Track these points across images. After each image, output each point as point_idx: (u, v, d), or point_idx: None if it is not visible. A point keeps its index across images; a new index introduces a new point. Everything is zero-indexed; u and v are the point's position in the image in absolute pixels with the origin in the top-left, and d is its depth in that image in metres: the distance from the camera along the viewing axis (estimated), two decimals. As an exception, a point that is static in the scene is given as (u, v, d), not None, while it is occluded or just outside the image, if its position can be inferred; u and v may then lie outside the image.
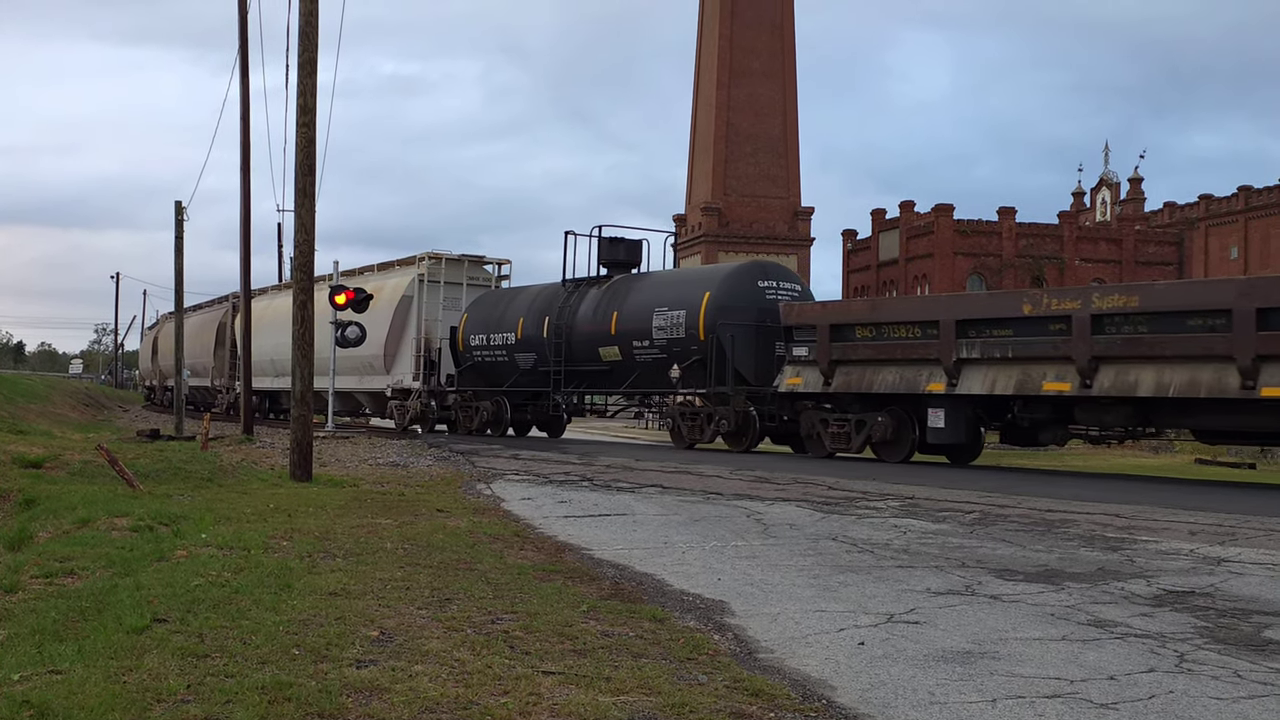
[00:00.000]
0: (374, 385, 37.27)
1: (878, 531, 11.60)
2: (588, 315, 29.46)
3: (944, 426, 21.06)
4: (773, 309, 25.43)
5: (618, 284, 29.56)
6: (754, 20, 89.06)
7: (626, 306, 28.35)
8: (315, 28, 18.02)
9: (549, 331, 30.21)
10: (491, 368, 32.75)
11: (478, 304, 34.21)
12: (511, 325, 31.80)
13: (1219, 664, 6.18)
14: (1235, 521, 12.35)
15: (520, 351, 31.24)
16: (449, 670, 5.88)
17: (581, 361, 29.53)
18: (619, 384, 29.01)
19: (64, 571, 9.03)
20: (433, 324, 34.95)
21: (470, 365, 33.45)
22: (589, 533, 11.59)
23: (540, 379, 31.01)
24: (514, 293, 33.99)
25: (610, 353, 28.58)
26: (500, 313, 32.66)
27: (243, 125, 31.88)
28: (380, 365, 36.07)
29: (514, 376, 31.70)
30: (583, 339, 29.36)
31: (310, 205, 18.16)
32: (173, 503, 13.64)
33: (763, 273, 27.04)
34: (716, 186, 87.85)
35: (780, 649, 6.55)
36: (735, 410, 25.28)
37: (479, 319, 33.28)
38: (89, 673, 5.69)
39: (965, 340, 20.42)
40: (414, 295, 35.06)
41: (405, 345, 35.31)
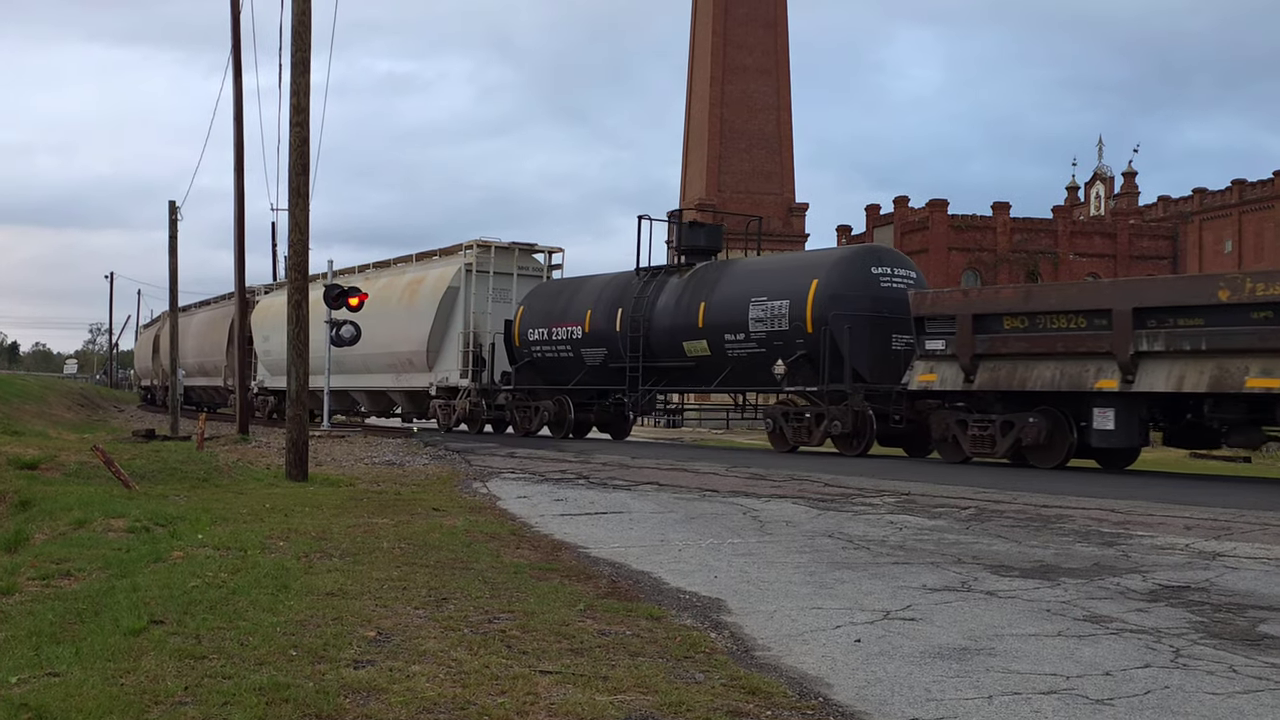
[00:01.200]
0: (414, 383, 35.37)
1: (874, 528, 11.61)
2: (669, 307, 27.21)
3: (1114, 429, 18.74)
4: (889, 297, 23.45)
5: (702, 272, 27.33)
6: (747, 16, 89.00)
7: (716, 296, 26.08)
8: (308, 27, 18.00)
9: (622, 325, 28.06)
10: (553, 364, 30.67)
11: (535, 296, 32.13)
12: (577, 318, 29.69)
13: (1214, 659, 6.20)
14: (1230, 516, 12.37)
15: (588, 347, 29.27)
16: (446, 670, 5.88)
17: (661, 357, 27.36)
18: (707, 381, 26.82)
19: (60, 573, 9.03)
20: (481, 317, 32.93)
21: (528, 361, 31.34)
22: (585, 531, 11.60)
23: (610, 376, 28.97)
24: (577, 283, 31.75)
25: (696, 347, 26.34)
26: (563, 305, 30.49)
27: (236, 125, 31.86)
28: (422, 362, 34.29)
29: (580, 374, 29.71)
30: (663, 332, 27.20)
31: (304, 204, 18.16)
32: (169, 503, 13.63)
33: (876, 258, 24.66)
34: (711, 183, 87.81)
35: (777, 646, 6.56)
36: (852, 410, 22.89)
37: (538, 312, 31.18)
38: (86, 675, 5.69)
39: (1145, 331, 18.03)
40: (460, 287, 33.06)
41: (451, 340, 33.41)
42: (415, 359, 34.35)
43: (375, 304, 35.62)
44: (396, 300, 35.43)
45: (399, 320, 34.72)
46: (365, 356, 36.19)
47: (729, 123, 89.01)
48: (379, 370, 36.44)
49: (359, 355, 35.77)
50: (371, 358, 36.23)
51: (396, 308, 35.13)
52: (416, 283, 34.99)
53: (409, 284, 35.50)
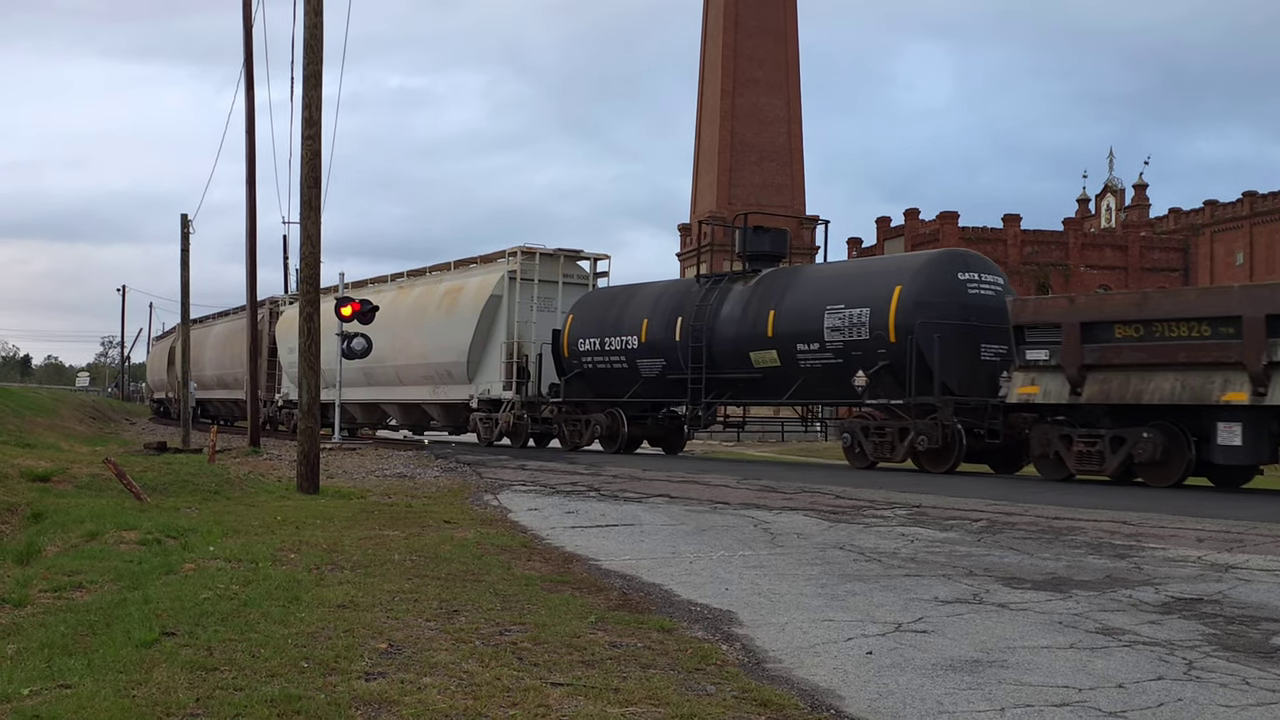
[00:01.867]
0: (452, 396, 33.90)
1: (885, 540, 11.59)
2: (734, 315, 25.80)
3: (1241, 445, 17.53)
4: (976, 304, 22.19)
5: (769, 279, 25.93)
6: (758, 29, 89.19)
7: (787, 304, 24.68)
8: (320, 41, 18.07)
9: (682, 334, 26.70)
10: (605, 376, 29.29)
11: (584, 304, 30.75)
12: (632, 328, 28.31)
13: (1227, 671, 6.18)
14: (1243, 528, 12.33)
15: (644, 357, 27.94)
16: (458, 682, 5.88)
17: (725, 368, 25.91)
18: (776, 393, 25.33)
19: (72, 585, 9.04)
20: (525, 327, 31.61)
21: (578, 373, 29.86)
22: (596, 543, 11.59)
23: (668, 388, 27.69)
24: (629, 291, 30.37)
25: (765, 358, 24.87)
26: (616, 314, 29.10)
27: (248, 138, 31.96)
28: (462, 373, 32.95)
29: (635, 386, 28.35)
30: (728, 342, 25.79)
31: (316, 217, 18.20)
32: (180, 516, 13.66)
33: (963, 263, 23.21)
34: (721, 196, 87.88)
35: (788, 659, 6.55)
36: (941, 424, 21.48)
37: (588, 321, 29.81)
38: (98, 687, 5.70)
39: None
40: (503, 295, 31.75)
41: (492, 351, 32.18)
42: (454, 370, 33.20)
43: (410, 313, 34.87)
44: (434, 309, 34.38)
45: (437, 330, 33.72)
46: (399, 368, 35.35)
47: (739, 136, 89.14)
48: (414, 382, 35.25)
49: (391, 367, 35.05)
50: (406, 369, 35.24)
51: (434, 317, 34.11)
52: (456, 291, 33.70)
53: (447, 292, 34.25)
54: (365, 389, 37.57)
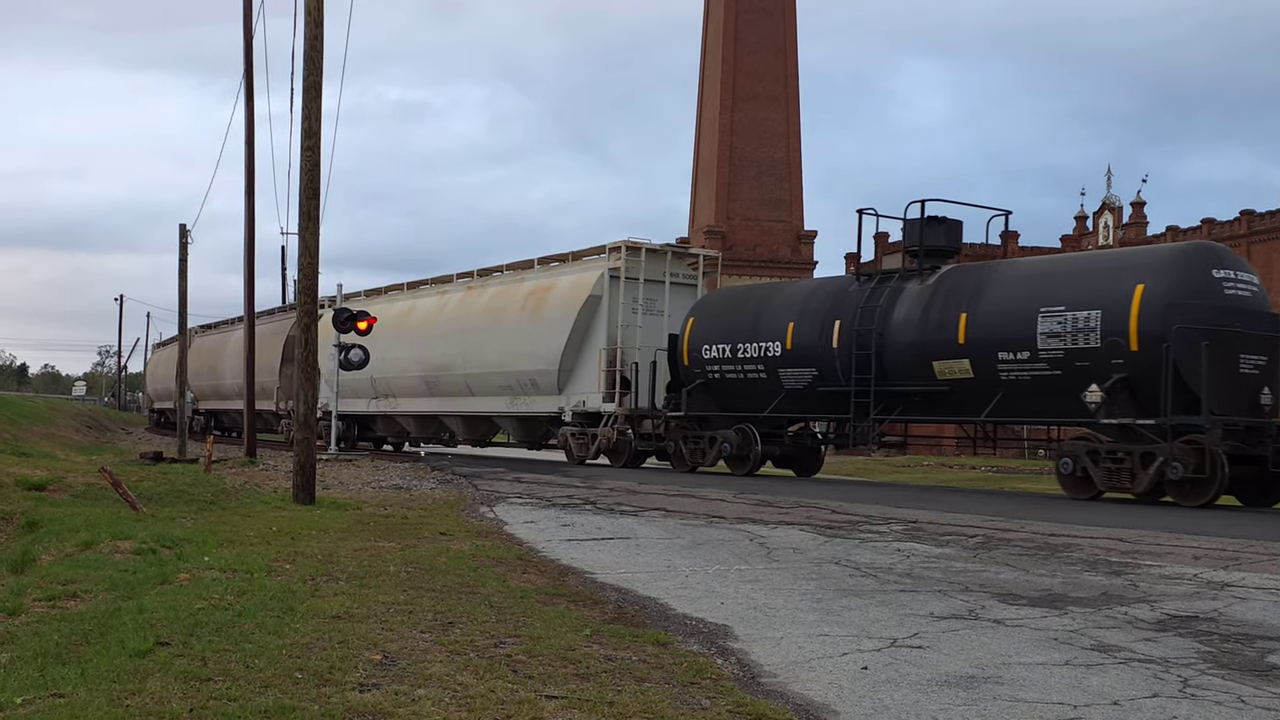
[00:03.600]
0: (536, 408, 30.89)
1: (881, 555, 11.58)
2: (911, 319, 22.56)
3: None
4: (1236, 308, 19.03)
5: (953, 277, 22.71)
6: (757, 45, 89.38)
7: (984, 306, 21.41)
8: (320, 53, 18.10)
9: (842, 340, 23.46)
10: (736, 387, 26.00)
11: (708, 306, 27.55)
12: (773, 333, 24.97)
13: (1223, 689, 6.17)
14: (1239, 546, 12.32)
15: (789, 367, 24.63)
16: (452, 694, 5.87)
17: (899, 379, 22.69)
18: (964, 409, 22.13)
19: (67, 594, 9.04)
20: (629, 331, 28.40)
21: (701, 384, 26.58)
22: (592, 556, 11.58)
23: (818, 402, 24.50)
24: (765, 291, 27.72)
25: (954, 368, 21.73)
26: (751, 317, 25.80)
27: (247, 149, 32.00)
28: (551, 383, 29.86)
29: (776, 399, 25.00)
30: (903, 350, 22.55)
31: (314, 228, 18.21)
32: (175, 525, 13.64)
33: (1217, 259, 19.79)
34: (720, 210, 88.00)
35: (784, 673, 6.54)
36: (1205, 450, 18.10)
37: (714, 325, 26.51)
38: (92, 696, 5.69)
39: None
40: (603, 295, 28.56)
41: (588, 357, 28.99)
42: (541, 380, 30.12)
43: (483, 316, 32.31)
44: (515, 312, 31.28)
45: (519, 335, 30.65)
46: (469, 377, 32.79)
47: (738, 150, 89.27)
48: (487, 393, 32.35)
49: (460, 376, 32.91)
50: (478, 378, 32.49)
51: (515, 321, 31.02)
52: (542, 291, 30.62)
53: (531, 293, 31.17)
54: (425, 400, 35.36)
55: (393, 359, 34.92)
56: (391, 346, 34.84)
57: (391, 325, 35.20)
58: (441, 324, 33.84)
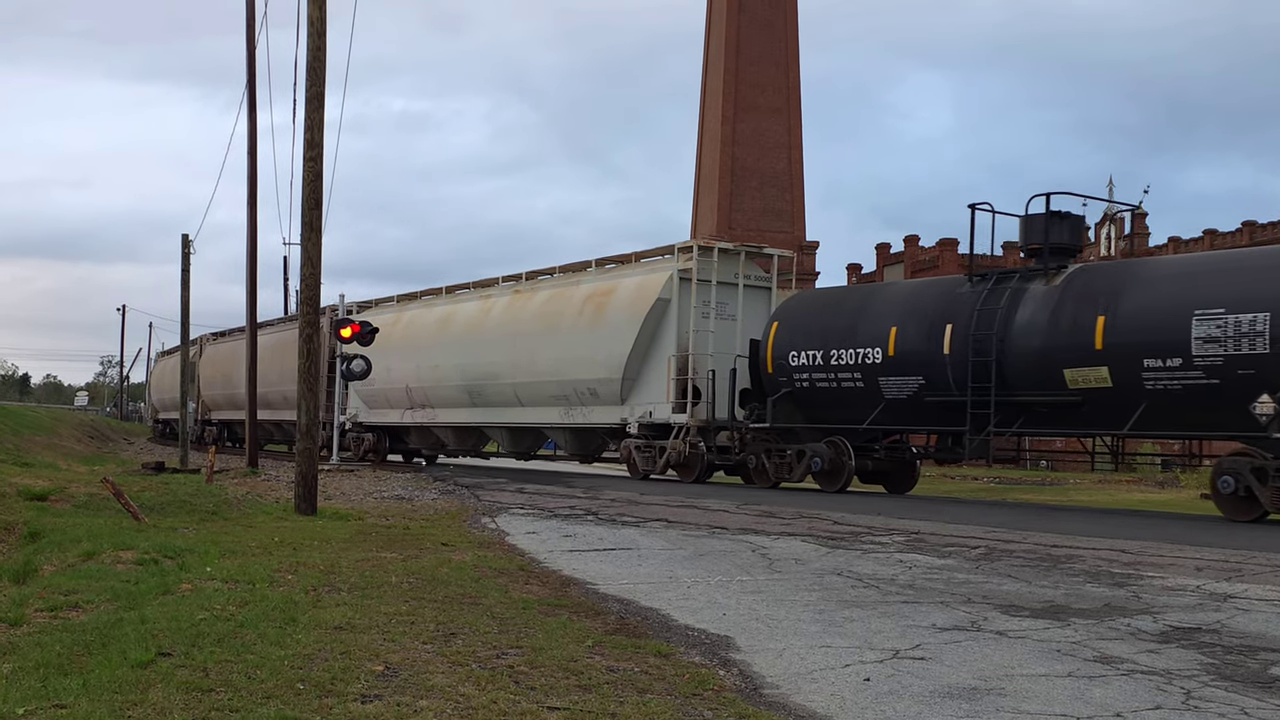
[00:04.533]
0: (595, 419, 28.89)
1: (883, 566, 11.58)
2: (1037, 322, 20.65)
3: None
4: None
5: (1086, 276, 20.86)
6: (759, 56, 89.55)
7: (1125, 308, 19.50)
8: (323, 63, 18.15)
9: (954, 346, 21.59)
10: (828, 397, 23.96)
11: (794, 309, 25.52)
12: (873, 338, 23.04)
13: (1225, 701, 6.17)
14: (1241, 557, 12.31)
15: (891, 375, 22.68)
16: (454, 705, 5.87)
17: (1022, 388, 20.81)
18: (1101, 421, 20.14)
19: (69, 605, 9.04)
20: (700, 337, 26.57)
21: (787, 393, 24.54)
22: (594, 567, 11.57)
23: (925, 413, 22.45)
24: (861, 293, 26.25)
25: (1088, 376, 19.82)
26: (846, 320, 23.95)
27: (250, 159, 32.08)
28: (613, 392, 27.92)
29: (875, 410, 22.98)
30: (1028, 356, 20.64)
31: (316, 238, 18.24)
32: (177, 536, 13.64)
33: None
34: (721, 221, 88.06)
35: (785, 685, 6.54)
36: None
37: (803, 330, 24.54)
38: (93, 707, 5.69)
39: None
40: (672, 299, 26.72)
41: (655, 365, 27.12)
42: (603, 389, 28.23)
43: (535, 322, 30.56)
44: (572, 317, 29.39)
45: (576, 341, 28.87)
46: (518, 386, 30.96)
47: (740, 161, 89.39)
48: (538, 403, 30.43)
49: (509, 385, 31.10)
50: (528, 387, 30.64)
51: (572, 326, 29.20)
52: (603, 294, 28.68)
53: (590, 296, 29.19)
54: (467, 410, 33.40)
55: (430, 367, 33.63)
56: (429, 354, 33.56)
57: (429, 332, 34.04)
58: (487, 330, 32.04)
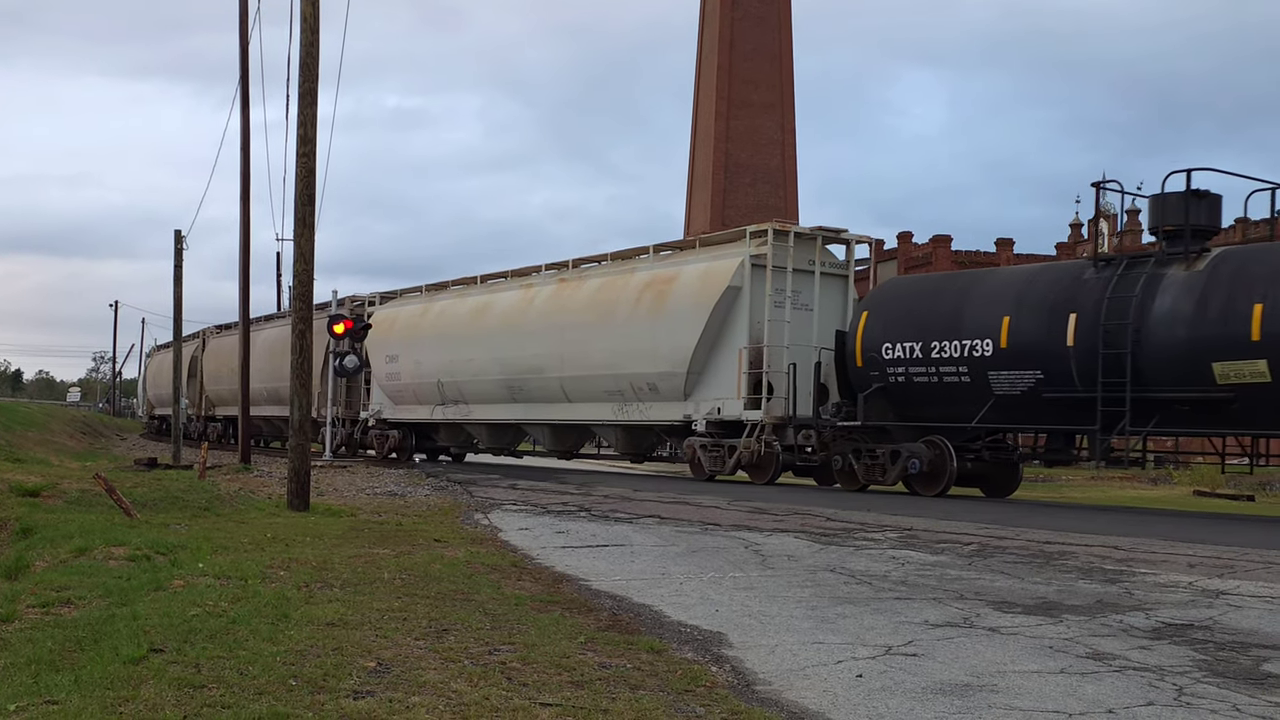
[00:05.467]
0: (654, 416, 26.82)
1: (876, 563, 11.58)
2: (1180, 311, 18.82)
3: None
4: None
5: (1235, 260, 19.01)
6: (753, 52, 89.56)
7: None
8: (316, 59, 18.11)
9: (1079, 337, 19.67)
10: (927, 393, 21.90)
11: (886, 297, 23.64)
12: (982, 328, 21.00)
13: (1218, 697, 6.17)
14: (1234, 554, 12.33)
15: (1002, 369, 20.66)
16: (446, 702, 5.86)
17: (1158, 384, 18.96)
18: (1264, 421, 18.32)
19: (61, 601, 9.02)
20: (776, 327, 24.50)
21: (879, 389, 22.47)
22: (587, 563, 11.57)
23: (1044, 411, 20.36)
24: (964, 279, 24.19)
25: (1243, 370, 18.10)
26: (949, 310, 21.90)
27: (243, 155, 32.01)
28: (675, 387, 25.88)
29: (983, 407, 20.98)
30: (1169, 349, 18.80)
31: (310, 235, 18.21)
32: (170, 532, 13.62)
33: None
34: (715, 217, 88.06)
35: (778, 681, 6.54)
36: None
37: (898, 320, 22.51)
38: (85, 703, 5.67)
39: None
40: (743, 286, 24.66)
41: (723, 358, 25.14)
42: (664, 383, 26.14)
43: (584, 311, 28.57)
44: (628, 306, 27.27)
45: (633, 333, 26.79)
46: (565, 380, 28.96)
47: (734, 157, 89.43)
48: (587, 399, 28.52)
49: (554, 379, 29.25)
50: (577, 382, 28.66)
51: (628, 316, 27.09)
52: (664, 282, 26.61)
53: (649, 285, 27.03)
54: (506, 407, 31.46)
55: (465, 361, 31.87)
56: (463, 348, 31.85)
57: (463, 324, 32.39)
58: (530, 322, 30.02)
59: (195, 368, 53.04)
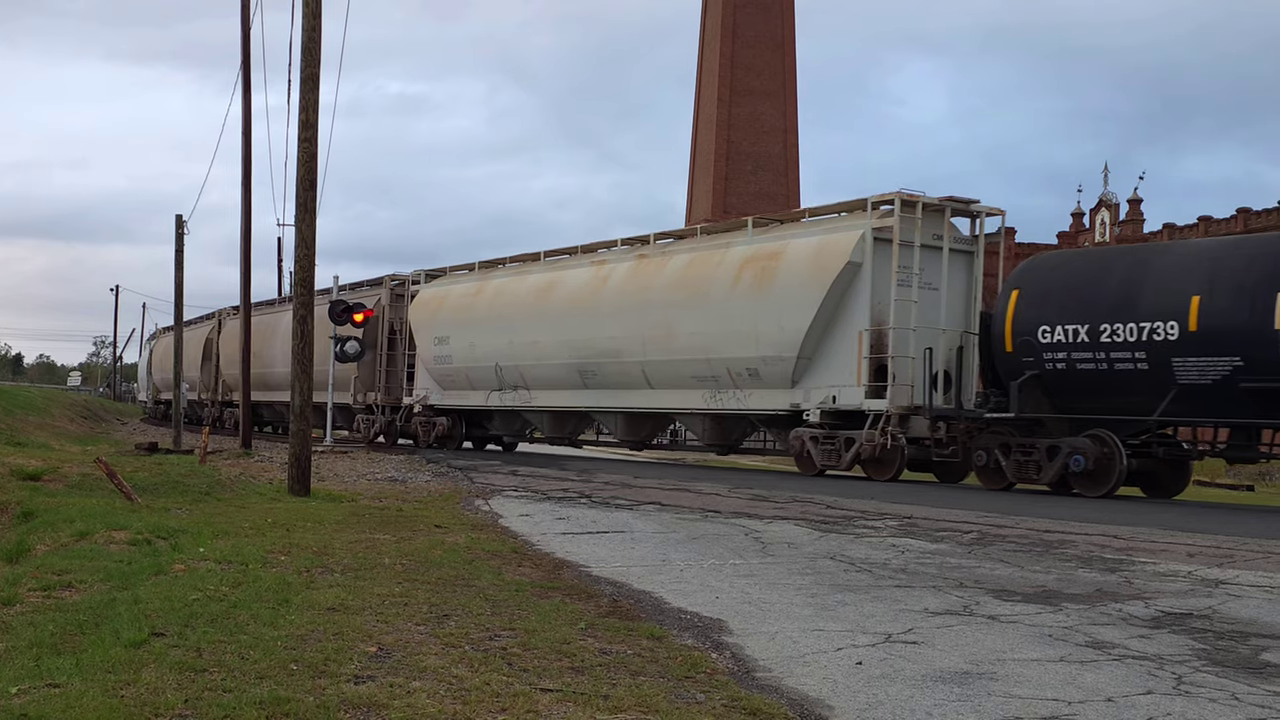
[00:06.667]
0: (754, 404, 24.64)
1: (876, 551, 11.60)
2: None
3: None
4: None
5: None
6: (755, 39, 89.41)
7: None
8: (318, 44, 18.07)
9: None
10: (1094, 381, 19.55)
11: (1042, 275, 21.18)
12: (1164, 309, 18.62)
13: (1216, 686, 6.18)
14: (1233, 544, 12.35)
15: (1192, 355, 18.33)
16: (447, 687, 5.88)
17: None
18: None
19: (62, 585, 9.03)
20: (903, 308, 22.31)
21: (1033, 377, 20.14)
22: (587, 550, 11.58)
23: (1235, 401, 18.04)
24: (1137, 254, 21.77)
25: None
26: (1121, 288, 19.48)
27: (244, 140, 31.96)
28: (783, 373, 23.71)
29: (1163, 399, 18.59)
30: None
31: (311, 219, 18.19)
32: (171, 516, 13.64)
33: None
34: (716, 204, 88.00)
35: (778, 668, 6.55)
36: None
37: (1056, 300, 20.18)
38: (87, 686, 5.69)
39: None
40: (864, 262, 22.54)
41: (838, 341, 22.97)
42: (768, 368, 24.02)
43: (671, 290, 26.27)
44: (725, 285, 24.98)
45: (732, 313, 24.59)
46: (647, 365, 26.77)
47: (735, 145, 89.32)
48: (672, 385, 26.32)
49: (632, 364, 27.02)
50: (660, 367, 26.44)
51: (724, 295, 24.88)
52: (768, 258, 24.34)
53: (750, 260, 24.77)
54: (572, 393, 29.35)
55: (528, 344, 29.93)
56: (525, 329, 29.88)
57: (524, 304, 30.36)
58: (604, 301, 27.94)
59: (210, 350, 50.80)
